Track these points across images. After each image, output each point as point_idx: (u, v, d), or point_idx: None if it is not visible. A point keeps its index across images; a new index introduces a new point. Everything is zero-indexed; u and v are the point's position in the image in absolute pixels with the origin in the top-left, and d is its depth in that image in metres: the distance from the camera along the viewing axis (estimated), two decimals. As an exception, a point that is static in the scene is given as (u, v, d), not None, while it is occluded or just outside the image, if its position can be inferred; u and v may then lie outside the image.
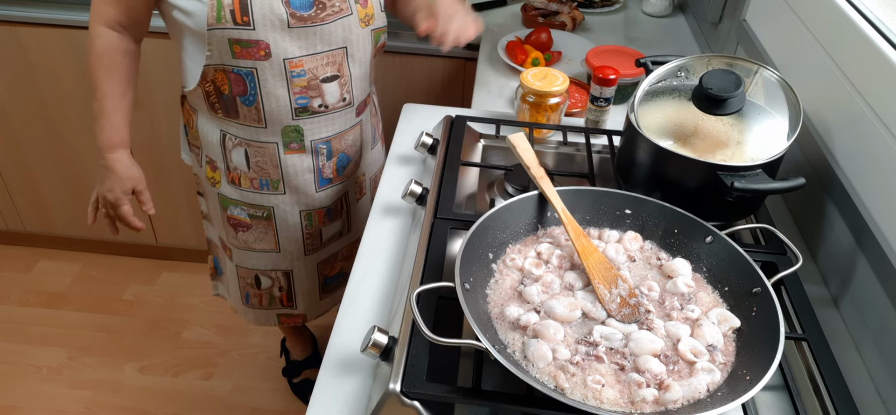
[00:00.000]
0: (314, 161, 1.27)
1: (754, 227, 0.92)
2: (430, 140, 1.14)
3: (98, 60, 1.13)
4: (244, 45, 1.07)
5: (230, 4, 1.04)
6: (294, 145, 1.23)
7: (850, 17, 0.95)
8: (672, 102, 0.97)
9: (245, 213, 1.33)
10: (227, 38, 1.06)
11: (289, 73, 1.12)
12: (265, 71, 1.10)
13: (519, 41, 1.62)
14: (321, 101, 1.18)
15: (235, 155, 1.24)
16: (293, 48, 1.10)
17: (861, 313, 0.87)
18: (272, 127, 1.19)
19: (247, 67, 1.10)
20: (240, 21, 1.05)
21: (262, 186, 1.28)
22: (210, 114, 1.21)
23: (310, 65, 1.13)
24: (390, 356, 0.76)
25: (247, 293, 1.49)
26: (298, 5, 1.07)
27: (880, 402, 0.80)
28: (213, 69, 1.11)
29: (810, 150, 1.02)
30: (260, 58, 1.09)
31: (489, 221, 0.82)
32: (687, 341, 0.73)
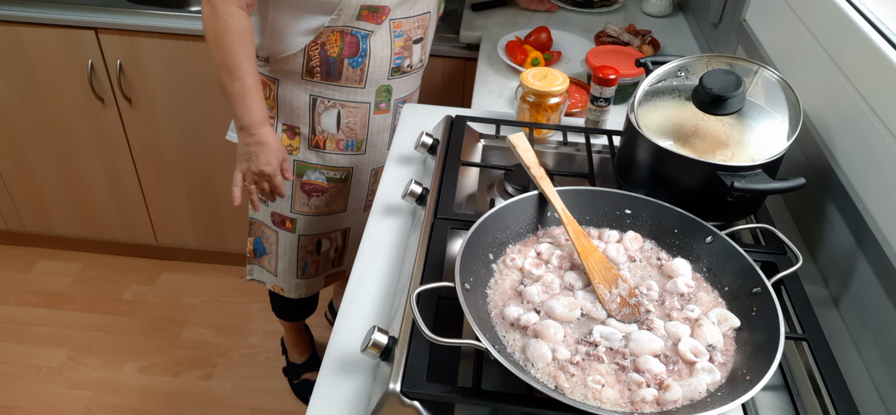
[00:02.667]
0: (393, 120, 1.38)
1: (754, 227, 0.92)
2: (430, 140, 1.14)
3: (236, 40, 1.14)
4: (371, 10, 1.17)
5: None
6: (383, 105, 1.33)
7: (850, 17, 0.95)
8: (672, 102, 0.97)
9: (323, 176, 1.40)
10: (361, 4, 1.15)
11: (393, 33, 1.23)
12: (378, 33, 1.21)
13: (519, 41, 1.62)
14: (409, 62, 1.30)
15: (326, 118, 1.31)
16: (399, 11, 1.21)
17: (861, 313, 0.87)
18: (370, 86, 1.28)
19: (365, 30, 1.20)
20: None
21: (347, 146, 1.37)
22: (300, 79, 1.27)
23: (407, 27, 1.25)
24: (390, 356, 0.76)
25: (305, 263, 1.55)
26: None
27: (880, 402, 0.80)
28: (330, 31, 1.19)
29: (810, 150, 1.02)
30: (379, 21, 1.20)
31: (489, 221, 0.82)
32: (687, 341, 0.73)
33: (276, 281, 1.61)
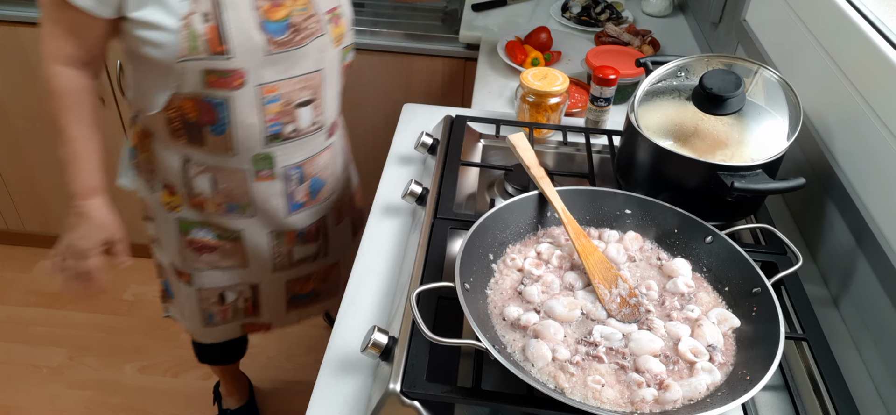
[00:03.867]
0: (285, 186, 1.20)
1: (754, 227, 0.92)
2: (430, 140, 1.14)
3: (60, 102, 1.03)
4: (219, 75, 1.00)
5: (205, 33, 0.96)
6: (264, 172, 1.16)
7: (850, 17, 0.95)
8: (672, 102, 0.98)
9: (211, 234, 1.25)
10: (201, 69, 0.99)
11: (262, 100, 1.05)
12: (238, 99, 1.04)
13: (519, 41, 1.62)
14: (294, 127, 1.12)
15: (199, 181, 1.16)
16: (269, 74, 1.04)
17: (861, 313, 0.87)
18: (242, 155, 1.12)
19: (219, 97, 1.03)
20: (215, 51, 0.97)
21: (230, 209, 1.21)
22: (170, 139, 1.12)
23: (285, 90, 1.07)
24: (390, 356, 0.76)
25: (210, 314, 1.39)
26: (274, 30, 1.01)
27: (880, 402, 0.80)
28: (181, 97, 1.04)
29: (810, 150, 1.02)
30: (234, 87, 1.02)
31: (489, 221, 0.82)
32: (687, 341, 0.73)
33: (187, 325, 1.47)
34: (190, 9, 0.95)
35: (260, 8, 0.99)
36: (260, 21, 0.99)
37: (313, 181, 1.24)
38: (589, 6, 1.87)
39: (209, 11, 0.96)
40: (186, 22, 0.95)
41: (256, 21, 0.99)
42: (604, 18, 1.83)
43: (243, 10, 0.98)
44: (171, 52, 0.97)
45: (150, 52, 0.99)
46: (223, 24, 0.97)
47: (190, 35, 0.96)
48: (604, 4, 1.86)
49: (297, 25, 1.03)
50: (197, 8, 0.95)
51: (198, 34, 0.96)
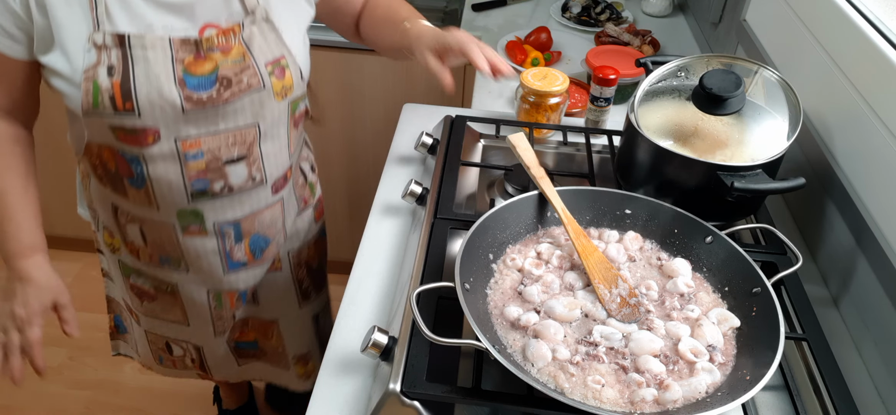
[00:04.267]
0: (220, 244, 1.07)
1: (754, 227, 0.92)
2: (430, 140, 1.14)
3: None
4: (128, 132, 0.89)
5: (108, 89, 0.85)
6: (193, 227, 1.04)
7: (850, 17, 0.95)
8: (672, 102, 0.97)
9: (149, 283, 1.15)
10: (107, 125, 0.89)
11: (182, 156, 0.94)
12: (154, 156, 0.93)
13: (519, 41, 1.62)
14: (224, 184, 0.99)
15: (130, 230, 1.07)
16: (189, 129, 0.92)
17: (861, 313, 0.87)
18: (165, 210, 1.00)
19: (132, 153, 0.93)
20: (122, 108, 0.86)
21: (162, 261, 1.10)
22: (99, 184, 1.03)
23: (210, 145, 0.94)
24: (390, 356, 0.76)
25: (160, 357, 1.32)
26: (196, 85, 0.89)
27: (880, 402, 0.80)
28: (97, 146, 0.95)
29: (810, 150, 1.02)
30: (147, 144, 0.91)
31: (489, 221, 0.82)
32: (687, 341, 0.73)
33: (142, 361, 1.37)
34: (94, 60, 0.84)
35: (182, 61, 0.88)
36: (179, 75, 0.88)
37: (254, 238, 1.10)
38: (589, 6, 1.87)
39: (115, 65, 0.85)
40: (89, 74, 0.84)
41: (174, 76, 0.87)
42: (604, 18, 1.83)
43: (157, 64, 0.86)
44: (75, 105, 0.87)
45: (66, 103, 0.91)
46: (131, 80, 0.85)
47: (92, 89, 0.85)
48: (604, 4, 1.86)
49: (227, 79, 0.90)
50: (102, 60, 0.84)
51: (101, 89, 0.85)
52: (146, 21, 0.86)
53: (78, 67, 0.85)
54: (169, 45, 0.87)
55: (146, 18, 0.86)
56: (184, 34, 0.88)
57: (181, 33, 0.88)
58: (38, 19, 0.83)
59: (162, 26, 0.87)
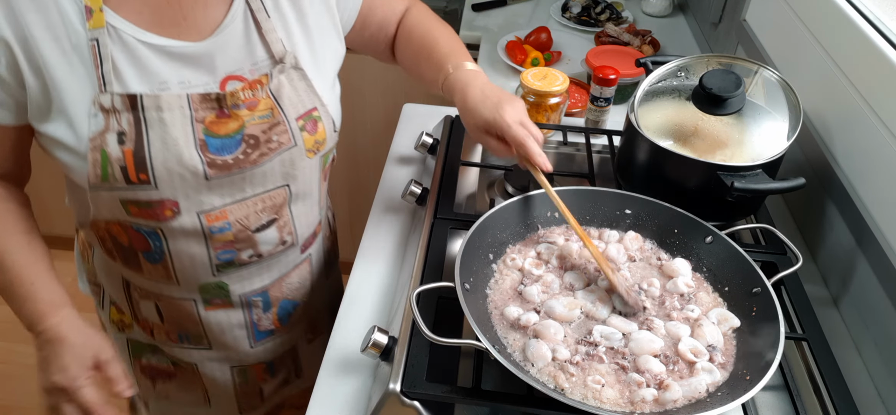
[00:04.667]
0: (246, 315, 0.96)
1: (754, 227, 0.92)
2: (430, 140, 1.14)
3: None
4: (142, 206, 0.78)
5: (120, 159, 0.74)
6: (217, 301, 0.92)
7: (850, 17, 0.95)
8: (672, 102, 0.98)
9: (166, 360, 1.02)
10: (119, 199, 0.78)
11: (207, 230, 0.82)
12: (173, 230, 0.81)
13: (519, 41, 1.62)
14: (253, 252, 0.88)
15: (144, 307, 0.95)
16: (213, 199, 0.81)
17: (861, 313, 0.87)
18: (186, 284, 0.89)
19: (149, 227, 0.82)
20: (135, 180, 0.75)
21: (180, 339, 0.98)
22: (107, 258, 0.92)
23: (237, 215, 0.83)
24: (390, 356, 0.76)
25: None
26: (219, 147, 0.78)
27: (880, 402, 0.80)
28: (105, 222, 0.84)
29: (810, 150, 1.02)
30: (165, 218, 0.80)
31: (489, 221, 0.82)
32: (687, 341, 0.73)
33: None
34: (102, 126, 0.73)
35: (203, 120, 0.76)
36: (200, 137, 0.77)
37: (283, 304, 1.00)
38: (589, 6, 1.87)
39: (126, 130, 0.74)
40: (96, 143, 0.73)
41: (195, 138, 0.76)
42: (604, 18, 1.83)
43: (175, 127, 0.75)
44: (80, 178, 0.76)
45: (66, 173, 0.80)
46: (145, 147, 0.74)
47: (101, 160, 0.74)
48: (604, 4, 1.86)
49: (255, 139, 0.80)
50: (111, 125, 0.73)
51: (111, 159, 0.74)
52: (160, 78, 0.75)
53: (83, 135, 0.73)
54: (187, 104, 0.76)
55: (160, 75, 0.75)
56: (204, 89, 0.77)
57: (201, 88, 0.77)
58: (32, 83, 0.72)
59: (178, 82, 0.76)
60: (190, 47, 0.75)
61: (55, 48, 0.70)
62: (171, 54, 0.75)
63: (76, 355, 0.80)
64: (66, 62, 0.71)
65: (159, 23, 0.74)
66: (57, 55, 0.71)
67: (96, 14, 0.71)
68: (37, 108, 0.74)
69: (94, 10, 0.71)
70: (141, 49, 0.74)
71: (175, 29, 0.75)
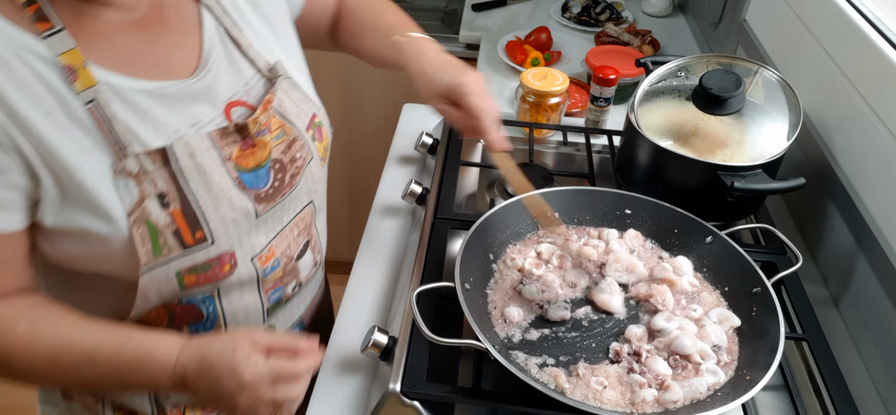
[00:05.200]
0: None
1: (754, 227, 0.92)
2: (430, 140, 1.14)
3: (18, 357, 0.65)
4: (201, 270, 0.70)
5: (170, 224, 0.65)
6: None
7: (850, 17, 0.95)
8: (672, 102, 0.97)
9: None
10: (175, 271, 0.68)
11: (260, 274, 0.76)
12: (230, 286, 0.74)
13: (519, 41, 1.62)
14: (296, 282, 0.83)
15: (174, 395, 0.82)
16: (260, 239, 0.75)
17: (861, 313, 0.87)
18: None
19: (204, 293, 0.73)
20: (192, 241, 0.67)
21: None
22: None
23: (282, 249, 0.78)
24: (390, 356, 0.76)
25: None
26: (253, 182, 0.72)
27: (880, 402, 0.80)
28: (146, 310, 0.72)
29: (810, 150, 1.02)
30: (223, 276, 0.72)
31: (489, 221, 0.82)
32: (694, 343, 0.72)
33: None
34: (137, 196, 0.64)
35: (231, 158, 0.70)
36: (235, 176, 0.70)
37: (301, 324, 0.92)
38: (589, 6, 1.87)
39: (167, 190, 0.65)
40: (137, 217, 0.64)
41: (232, 179, 0.70)
42: (604, 18, 1.83)
43: (214, 171, 0.68)
44: (121, 267, 0.66)
45: (87, 268, 0.68)
46: (193, 201, 0.67)
47: (149, 233, 0.65)
48: (604, 4, 1.86)
49: (279, 162, 0.75)
50: (147, 191, 0.64)
51: (159, 228, 0.65)
52: (171, 126, 0.67)
53: (117, 215, 0.63)
54: (212, 143, 0.69)
55: (169, 122, 0.67)
56: (216, 125, 0.70)
57: (213, 125, 0.70)
58: (39, 170, 0.61)
59: (190, 125, 0.68)
60: (188, 84, 0.69)
61: (50, 126, 0.60)
62: (171, 97, 0.67)
63: (236, 347, 0.64)
64: (67, 138, 0.61)
65: (144, 69, 0.67)
66: (55, 133, 0.60)
67: (82, 73, 0.61)
68: (51, 201, 0.62)
69: (78, 69, 0.61)
70: (141, 99, 0.65)
71: (160, 71, 0.68)
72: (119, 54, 0.65)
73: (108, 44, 0.65)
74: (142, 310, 0.71)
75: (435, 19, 1.98)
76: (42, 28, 0.61)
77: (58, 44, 0.61)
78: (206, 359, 0.64)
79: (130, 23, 0.67)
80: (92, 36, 0.64)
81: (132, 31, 0.67)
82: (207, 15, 0.73)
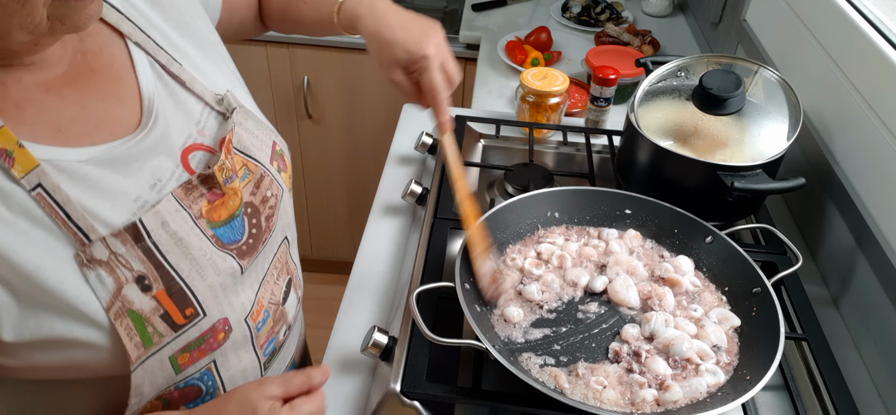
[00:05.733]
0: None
1: (754, 227, 0.92)
2: (430, 140, 1.14)
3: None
4: (195, 346, 0.62)
5: (156, 309, 0.58)
6: None
7: (850, 17, 0.95)
8: (672, 102, 0.97)
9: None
10: (168, 356, 0.61)
11: (254, 331, 0.69)
12: (226, 354, 0.66)
13: (519, 41, 1.62)
14: (285, 326, 0.77)
15: None
16: (248, 294, 0.67)
17: (861, 313, 0.87)
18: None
19: (200, 370, 0.65)
20: (184, 321, 0.60)
21: None
22: None
23: (267, 297, 0.71)
24: (390, 356, 0.76)
25: None
26: (230, 236, 0.64)
27: (880, 402, 0.80)
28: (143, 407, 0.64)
29: (810, 150, 1.02)
30: (218, 345, 0.65)
31: (489, 221, 0.82)
32: (693, 344, 0.72)
33: None
34: (113, 286, 0.55)
35: (202, 215, 0.62)
36: (210, 234, 0.62)
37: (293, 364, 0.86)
38: (589, 6, 1.87)
39: (145, 270, 0.57)
40: (118, 310, 0.55)
41: (209, 239, 0.62)
42: (604, 18, 1.83)
43: (190, 235, 0.61)
44: (106, 368, 0.58)
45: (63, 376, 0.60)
46: (176, 278, 0.59)
47: (134, 325, 0.56)
48: (604, 4, 1.86)
49: (252, 206, 0.67)
50: (123, 277, 0.56)
51: (145, 315, 0.57)
52: (129, 194, 0.58)
53: (95, 312, 0.55)
54: (179, 204, 0.61)
55: (127, 190, 0.58)
56: (177, 180, 0.62)
57: (174, 181, 0.61)
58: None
59: (149, 187, 0.60)
60: (137, 141, 0.60)
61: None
62: (121, 160, 0.58)
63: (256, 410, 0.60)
64: (15, 234, 0.52)
65: (83, 134, 0.57)
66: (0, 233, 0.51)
67: (18, 155, 0.52)
68: (8, 314, 0.52)
69: (13, 151, 0.52)
70: (89, 170, 0.56)
71: (101, 131, 0.59)
72: (53, 122, 0.56)
73: (38, 112, 0.55)
74: (136, 408, 0.61)
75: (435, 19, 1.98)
76: None
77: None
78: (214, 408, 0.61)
79: (56, 81, 0.58)
80: (17, 106, 0.54)
81: (61, 91, 0.58)
82: (139, 53, 0.64)
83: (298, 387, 0.62)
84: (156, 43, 0.65)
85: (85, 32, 0.60)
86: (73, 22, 0.53)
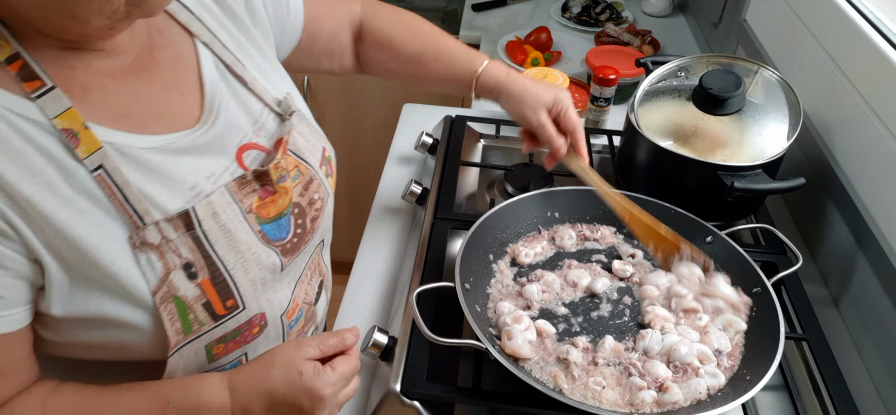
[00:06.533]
0: None
1: (754, 227, 0.92)
2: (430, 140, 1.14)
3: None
4: (231, 338, 0.64)
5: (199, 297, 0.59)
6: None
7: (850, 17, 0.95)
8: (672, 102, 0.97)
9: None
10: (205, 344, 0.62)
11: (287, 328, 0.72)
12: (257, 347, 0.69)
13: (519, 41, 1.62)
14: (314, 326, 0.80)
15: None
16: (285, 292, 0.70)
17: (861, 313, 0.87)
18: None
19: (232, 361, 0.68)
20: (224, 312, 0.61)
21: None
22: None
23: (302, 296, 0.74)
24: (390, 356, 0.76)
25: None
26: (276, 233, 0.66)
27: (880, 402, 0.80)
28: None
29: (810, 150, 1.02)
30: (252, 338, 0.67)
31: (489, 221, 0.82)
32: (694, 348, 0.72)
33: None
34: (161, 270, 0.57)
35: (251, 209, 0.64)
36: (257, 230, 0.64)
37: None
38: (589, 6, 1.87)
39: (193, 258, 0.59)
40: (164, 294, 0.57)
41: (256, 234, 0.64)
42: (604, 18, 1.83)
43: (238, 229, 0.62)
44: (144, 352, 0.60)
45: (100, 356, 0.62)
46: (222, 268, 0.60)
47: (177, 311, 0.58)
48: (604, 4, 1.86)
49: (299, 207, 0.69)
50: (171, 263, 0.58)
51: (188, 302, 0.58)
52: (187, 183, 0.60)
53: (142, 294, 0.56)
54: (231, 198, 0.62)
55: (185, 179, 0.60)
56: (231, 174, 0.64)
57: (228, 176, 0.63)
58: (50, 261, 0.54)
59: (205, 178, 0.62)
60: (198, 135, 0.62)
61: (54, 200, 0.53)
62: (181, 151, 0.61)
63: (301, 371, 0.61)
64: (75, 212, 0.54)
65: (145, 122, 0.60)
66: (59, 208, 0.53)
67: (83, 136, 0.54)
68: (58, 289, 0.55)
69: (79, 132, 0.54)
70: (150, 157, 0.58)
71: (162, 122, 0.61)
72: (117, 108, 0.58)
73: (104, 97, 0.58)
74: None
75: (435, 19, 1.98)
76: (30, 88, 0.53)
77: (51, 105, 0.54)
78: (274, 394, 0.61)
79: (122, 70, 0.60)
80: (85, 90, 0.57)
81: (126, 79, 0.60)
82: (205, 51, 0.66)
83: (332, 347, 0.64)
84: (223, 44, 0.68)
85: (155, 29, 0.64)
86: (148, 7, 0.55)
